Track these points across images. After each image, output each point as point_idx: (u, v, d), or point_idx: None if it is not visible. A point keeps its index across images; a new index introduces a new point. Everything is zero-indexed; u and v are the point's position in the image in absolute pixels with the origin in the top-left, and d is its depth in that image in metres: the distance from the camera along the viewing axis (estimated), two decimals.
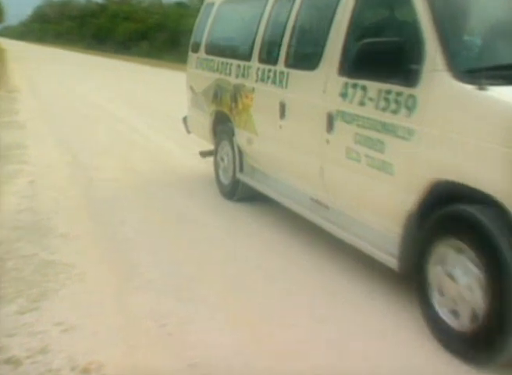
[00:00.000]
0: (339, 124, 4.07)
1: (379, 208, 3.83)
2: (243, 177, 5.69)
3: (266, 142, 5.17)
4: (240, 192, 5.83)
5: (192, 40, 6.92)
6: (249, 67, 5.38)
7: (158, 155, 8.16)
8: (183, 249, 4.72)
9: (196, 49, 6.72)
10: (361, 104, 3.85)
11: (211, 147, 6.50)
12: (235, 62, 5.67)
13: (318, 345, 3.29)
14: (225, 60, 5.90)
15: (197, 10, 7.13)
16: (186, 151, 8.15)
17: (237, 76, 5.59)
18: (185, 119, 7.07)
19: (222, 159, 6.08)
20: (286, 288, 4.00)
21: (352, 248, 4.14)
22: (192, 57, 6.85)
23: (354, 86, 3.90)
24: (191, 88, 6.78)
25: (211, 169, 6.45)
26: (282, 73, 4.82)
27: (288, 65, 4.79)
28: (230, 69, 5.74)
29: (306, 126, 4.52)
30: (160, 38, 32.76)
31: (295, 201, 4.91)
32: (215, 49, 6.32)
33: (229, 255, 4.60)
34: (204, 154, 6.65)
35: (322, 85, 4.24)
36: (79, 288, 3.97)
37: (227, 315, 3.62)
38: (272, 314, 3.64)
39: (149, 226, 5.24)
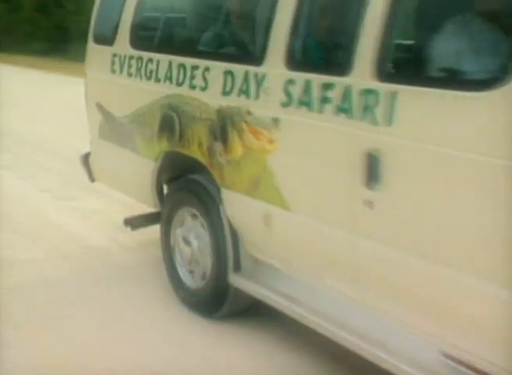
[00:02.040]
0: None
1: None
2: (243, 282, 3.02)
3: (317, 227, 2.59)
4: (231, 304, 3.15)
5: (94, 22, 4.00)
6: (261, 77, 2.74)
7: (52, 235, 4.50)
8: None
9: (106, 39, 3.81)
10: None
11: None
12: (218, 64, 2.99)
13: None
14: (188, 60, 3.16)
15: None
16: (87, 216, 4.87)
17: (228, 94, 2.90)
18: (86, 159, 4.15)
19: (188, 243, 3.32)
20: None
21: None
22: (97, 52, 3.96)
23: None
24: (99, 107, 3.91)
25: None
26: (369, 92, 2.29)
27: (384, 75, 2.27)
28: (205, 79, 3.05)
29: (466, 217, 2.05)
30: None
31: (391, 349, 2.43)
32: (159, 37, 3.52)
33: None
34: (133, 223, 3.82)
35: None
36: None
37: None
38: None
39: None
